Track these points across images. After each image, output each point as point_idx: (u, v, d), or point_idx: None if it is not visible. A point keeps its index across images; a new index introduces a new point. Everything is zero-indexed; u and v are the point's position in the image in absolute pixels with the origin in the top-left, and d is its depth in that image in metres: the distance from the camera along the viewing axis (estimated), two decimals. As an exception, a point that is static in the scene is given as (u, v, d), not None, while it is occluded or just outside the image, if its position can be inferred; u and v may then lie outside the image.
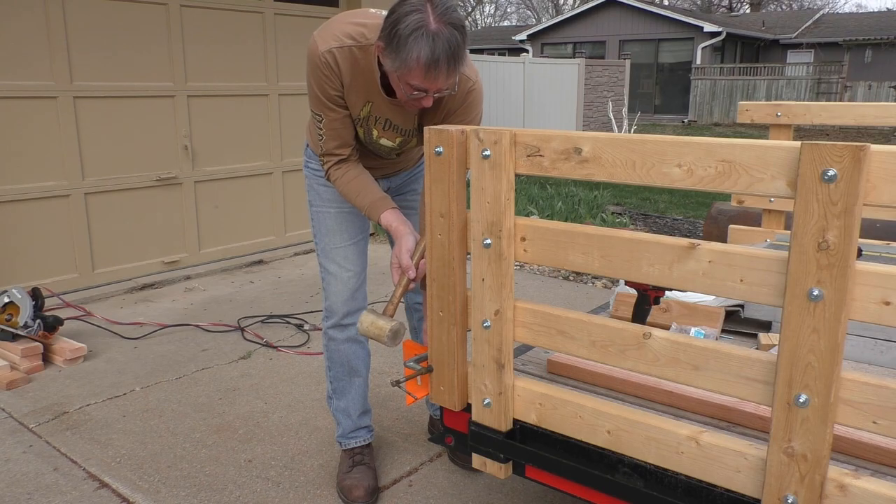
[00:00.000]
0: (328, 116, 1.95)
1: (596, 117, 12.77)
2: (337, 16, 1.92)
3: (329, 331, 2.29)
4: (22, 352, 3.20)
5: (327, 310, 2.28)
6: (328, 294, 2.26)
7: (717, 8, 37.50)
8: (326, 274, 2.26)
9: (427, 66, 1.63)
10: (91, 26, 4.22)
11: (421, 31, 1.60)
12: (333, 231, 2.22)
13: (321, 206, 2.23)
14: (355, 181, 2.02)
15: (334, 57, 1.85)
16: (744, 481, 1.30)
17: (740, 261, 1.22)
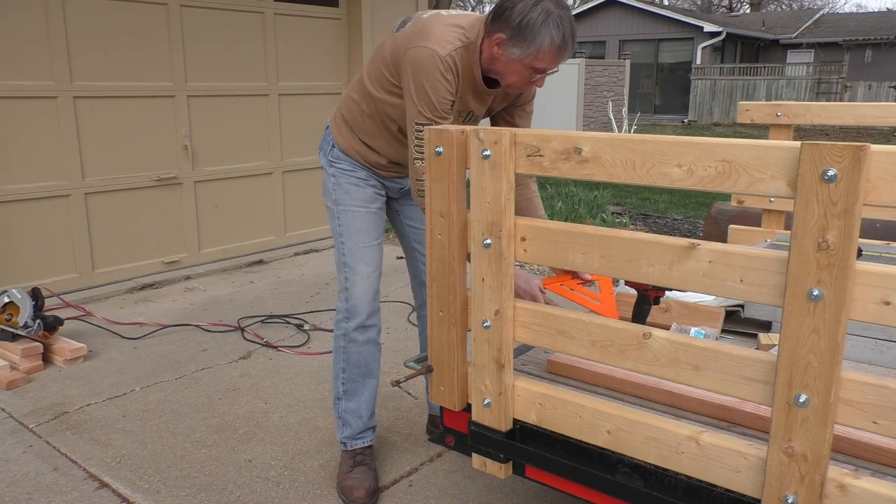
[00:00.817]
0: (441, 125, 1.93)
1: (596, 117, 12.77)
2: (430, 20, 1.96)
3: (352, 333, 2.26)
4: (22, 352, 3.20)
5: (349, 311, 2.24)
6: (352, 294, 2.23)
7: (717, 8, 37.50)
8: (352, 273, 2.23)
9: (560, 48, 1.85)
10: (91, 26, 4.22)
11: (552, 18, 1.82)
12: (363, 231, 2.23)
13: (351, 205, 2.22)
14: None
15: (454, 60, 1.91)
16: (744, 481, 1.30)
17: (740, 261, 1.22)
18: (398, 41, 2.00)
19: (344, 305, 2.26)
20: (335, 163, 2.25)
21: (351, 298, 2.23)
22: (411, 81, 1.91)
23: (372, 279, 2.24)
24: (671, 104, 23.53)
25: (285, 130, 5.39)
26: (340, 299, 2.27)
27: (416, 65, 1.89)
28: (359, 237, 2.22)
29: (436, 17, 1.98)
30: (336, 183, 2.25)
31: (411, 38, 1.94)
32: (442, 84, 1.89)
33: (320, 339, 3.69)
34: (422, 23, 1.98)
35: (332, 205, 2.26)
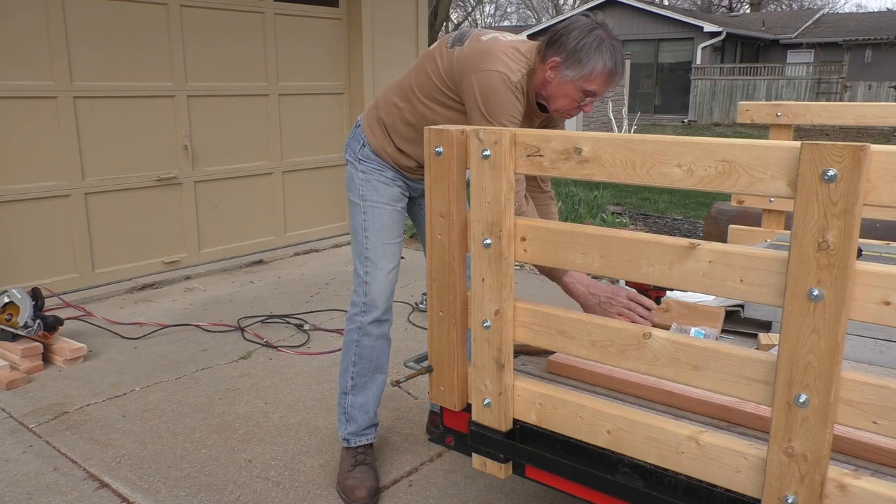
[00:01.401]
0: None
1: (596, 117, 12.76)
2: (492, 44, 2.03)
3: (367, 326, 2.28)
4: (22, 352, 3.20)
5: (367, 304, 2.27)
6: (371, 289, 2.26)
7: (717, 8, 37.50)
8: (374, 269, 2.26)
9: (611, 72, 1.95)
10: (91, 26, 4.23)
11: (605, 45, 1.93)
12: (388, 227, 2.27)
13: (378, 202, 2.27)
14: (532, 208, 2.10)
15: (522, 85, 2.01)
16: (744, 481, 1.30)
17: (740, 261, 1.22)
18: (459, 60, 2.04)
19: (361, 299, 2.28)
20: (364, 161, 2.30)
21: (370, 293, 2.26)
22: (481, 104, 1.97)
23: (392, 276, 2.29)
24: (671, 104, 23.53)
25: (285, 130, 5.39)
26: (357, 293, 2.29)
27: (489, 89, 1.96)
28: (383, 234, 2.27)
29: (496, 42, 2.04)
30: (365, 179, 2.28)
31: (478, 61, 2.00)
32: (515, 105, 1.98)
33: (320, 339, 3.69)
34: (484, 45, 2.03)
35: (359, 200, 2.29)
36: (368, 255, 2.26)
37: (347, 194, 2.36)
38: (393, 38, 5.94)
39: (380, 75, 5.83)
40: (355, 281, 2.31)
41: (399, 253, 2.32)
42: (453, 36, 2.15)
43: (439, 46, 2.16)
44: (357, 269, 2.30)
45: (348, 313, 2.33)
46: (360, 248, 2.29)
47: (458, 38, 2.13)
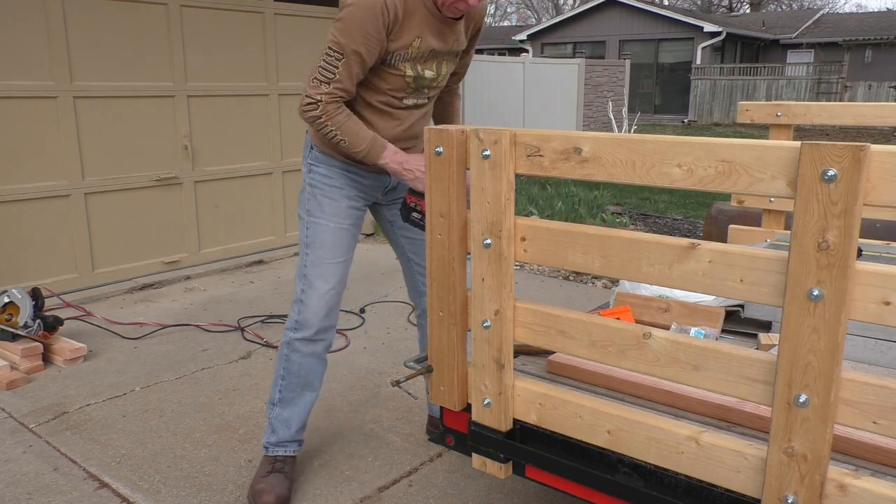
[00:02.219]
0: (353, 58, 1.94)
1: (596, 117, 12.77)
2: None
3: (296, 343, 2.23)
4: (22, 352, 3.20)
5: (299, 322, 2.21)
6: (305, 308, 2.19)
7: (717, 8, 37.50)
8: (309, 287, 2.19)
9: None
10: (91, 26, 4.22)
11: None
12: (329, 245, 2.18)
13: (322, 218, 2.18)
14: (354, 119, 2.03)
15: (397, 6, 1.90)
16: (744, 481, 1.30)
17: (740, 261, 1.22)
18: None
19: (294, 317, 2.22)
20: (314, 167, 2.21)
21: (303, 312, 2.19)
22: (343, 11, 1.90)
23: (328, 297, 2.19)
24: (671, 104, 23.54)
25: (285, 130, 5.39)
26: (293, 310, 2.23)
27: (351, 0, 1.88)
28: (323, 251, 2.18)
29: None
30: (311, 193, 2.20)
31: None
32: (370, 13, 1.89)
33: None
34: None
35: (304, 214, 2.21)
36: (306, 274, 2.19)
37: (297, 208, 2.29)
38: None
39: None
40: (294, 298, 2.24)
41: (341, 273, 2.22)
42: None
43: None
44: (295, 284, 2.24)
45: (284, 331, 2.27)
46: (300, 265, 2.22)
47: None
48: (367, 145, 2.03)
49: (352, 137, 2.02)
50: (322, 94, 1.96)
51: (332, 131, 2.01)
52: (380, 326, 3.86)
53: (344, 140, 2.01)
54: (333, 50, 1.93)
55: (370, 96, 2.09)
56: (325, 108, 1.98)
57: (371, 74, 2.03)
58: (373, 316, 4.03)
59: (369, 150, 2.03)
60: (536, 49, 25.46)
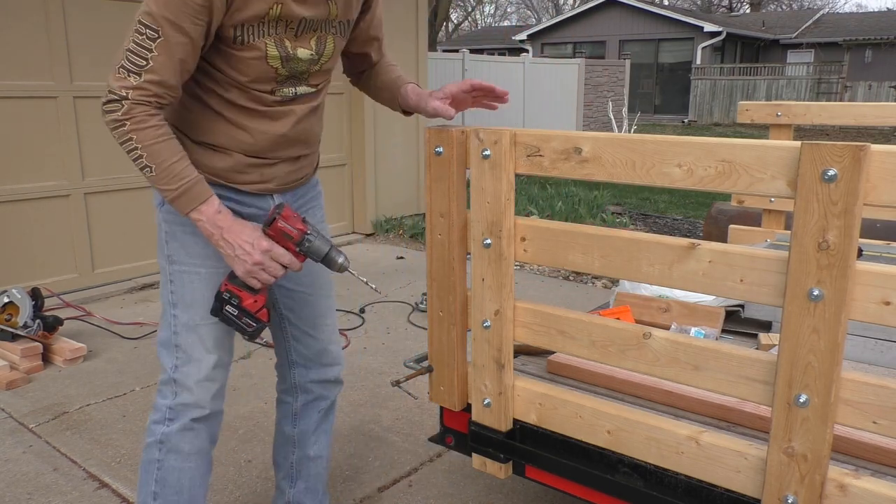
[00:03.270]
0: (175, 36, 1.36)
1: (596, 117, 12.77)
2: None
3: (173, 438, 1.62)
4: (22, 352, 3.20)
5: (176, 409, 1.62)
6: (182, 388, 1.62)
7: (717, 8, 37.51)
8: (185, 361, 1.61)
9: None
10: (91, 26, 4.22)
11: None
12: (203, 301, 1.59)
13: (188, 264, 1.59)
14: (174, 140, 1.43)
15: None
16: (744, 481, 1.30)
17: (740, 261, 1.22)
18: None
19: (167, 402, 1.62)
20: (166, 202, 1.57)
21: (180, 394, 1.61)
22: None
23: (213, 371, 1.64)
24: (671, 104, 23.54)
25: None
26: (163, 394, 1.64)
27: None
28: (196, 309, 1.59)
29: None
30: (169, 233, 1.59)
31: None
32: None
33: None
34: None
35: (165, 263, 1.61)
36: (178, 343, 1.61)
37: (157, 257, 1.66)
38: (393, 38, 5.93)
39: (380, 75, 5.81)
40: (161, 376, 1.64)
41: (228, 336, 1.67)
42: None
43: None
44: (161, 357, 1.64)
45: (148, 422, 1.66)
46: (167, 331, 1.62)
47: None
48: (180, 186, 1.42)
49: (161, 169, 1.41)
50: (128, 88, 1.36)
51: (135, 150, 1.39)
52: (380, 326, 3.86)
53: (150, 168, 1.40)
54: (145, 25, 1.35)
55: (228, 93, 1.50)
56: (129, 111, 1.37)
57: (220, 60, 1.46)
58: (373, 316, 4.03)
59: (181, 195, 1.43)
60: (536, 49, 25.46)
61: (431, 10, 15.06)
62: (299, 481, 1.93)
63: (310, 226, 1.53)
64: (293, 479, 1.93)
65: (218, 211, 1.46)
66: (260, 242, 1.47)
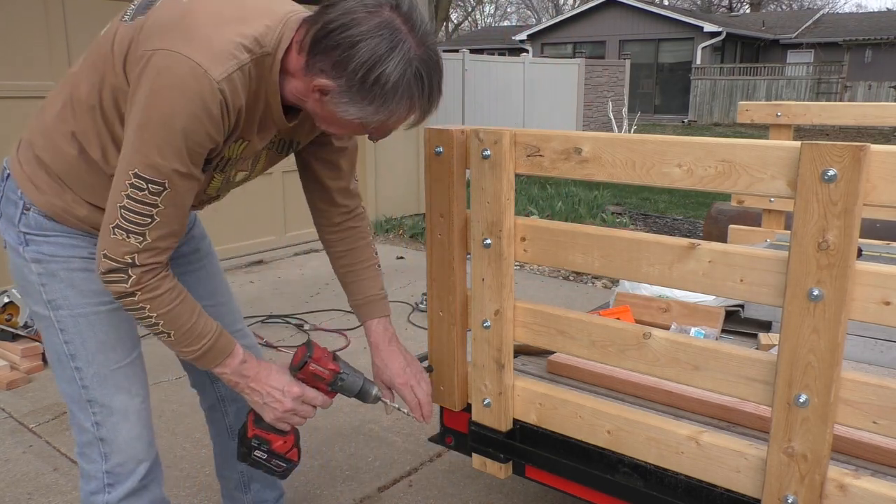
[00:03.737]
0: (181, 185, 1.21)
1: (596, 117, 12.77)
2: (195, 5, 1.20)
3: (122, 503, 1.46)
4: (22, 352, 3.20)
5: (113, 472, 1.45)
6: (111, 446, 1.44)
7: (717, 8, 37.52)
8: (106, 414, 1.43)
9: (423, 111, 1.23)
10: (91, 26, 4.22)
11: (411, 68, 1.15)
12: (110, 344, 1.43)
13: (81, 305, 1.39)
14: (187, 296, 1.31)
15: (234, 88, 1.17)
16: (744, 481, 1.30)
17: (740, 261, 1.22)
18: (138, 31, 1.22)
19: (100, 468, 1.45)
20: (35, 237, 1.36)
21: (112, 454, 1.44)
22: (148, 104, 1.14)
23: (142, 413, 1.48)
24: (671, 104, 23.54)
25: (285, 130, 5.39)
26: (89, 458, 1.46)
27: (165, 82, 1.13)
28: (105, 354, 1.42)
29: (207, 5, 1.21)
30: (44, 274, 1.37)
31: (164, 31, 1.17)
32: (203, 124, 1.16)
33: (320, 339, 3.69)
34: (180, 10, 1.19)
35: (46, 309, 1.39)
36: (92, 397, 1.42)
37: (26, 300, 1.44)
38: (393, 38, 5.93)
39: (380, 75, 5.82)
40: (80, 439, 1.46)
41: (143, 375, 1.53)
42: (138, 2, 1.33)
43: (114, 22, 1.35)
44: (76, 420, 1.45)
45: (83, 493, 1.49)
46: (74, 389, 1.42)
47: (143, 3, 1.29)
48: (203, 346, 1.32)
49: (180, 333, 1.29)
50: (132, 252, 1.20)
51: (149, 318, 1.27)
52: (380, 326, 3.86)
53: (168, 333, 1.29)
54: (146, 179, 1.17)
55: None
56: (139, 280, 1.22)
57: None
58: (373, 316, 4.03)
59: (205, 354, 1.33)
60: (536, 49, 25.46)
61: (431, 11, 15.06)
62: (253, 483, 1.90)
63: (341, 362, 1.49)
64: (246, 485, 1.89)
65: (243, 361, 1.38)
66: (291, 388, 1.40)
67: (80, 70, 1.32)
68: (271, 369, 1.41)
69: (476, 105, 9.43)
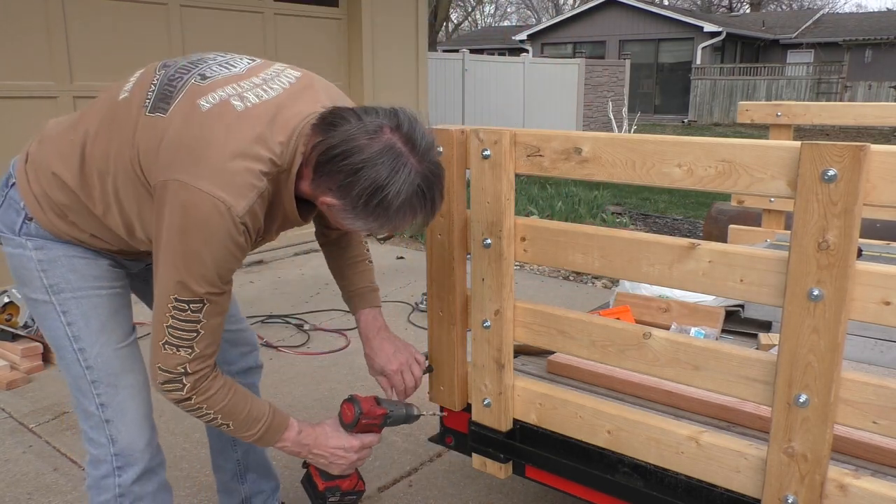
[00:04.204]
0: (217, 301, 1.32)
1: (596, 117, 12.77)
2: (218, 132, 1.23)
3: (133, 488, 1.49)
4: (22, 352, 3.20)
5: (120, 456, 1.47)
6: (121, 427, 1.47)
7: (717, 8, 37.51)
8: (113, 394, 1.46)
9: (424, 220, 1.28)
10: (91, 26, 4.22)
11: (413, 188, 1.20)
12: (111, 325, 1.47)
13: (83, 288, 1.44)
14: (238, 388, 1.41)
15: (255, 215, 1.25)
16: (744, 481, 1.30)
17: (740, 261, 1.22)
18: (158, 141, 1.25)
19: (108, 451, 1.47)
20: (33, 242, 1.42)
21: (121, 436, 1.46)
22: (179, 240, 1.22)
23: (146, 393, 1.51)
24: (671, 104, 23.54)
25: (285, 130, 5.39)
26: (95, 442, 1.48)
27: (192, 220, 1.20)
28: (107, 335, 1.46)
29: (222, 127, 1.23)
30: (44, 261, 1.41)
31: (185, 157, 1.22)
32: (231, 252, 1.27)
33: (320, 339, 3.69)
34: (198, 131, 1.23)
35: (47, 295, 1.42)
36: (97, 378, 1.45)
37: (23, 291, 1.46)
38: (393, 38, 5.94)
39: (380, 75, 5.82)
40: (85, 425, 1.49)
41: (141, 357, 1.53)
42: (159, 81, 1.36)
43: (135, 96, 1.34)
44: (80, 406, 1.48)
45: (91, 479, 1.50)
46: (75, 371, 1.45)
47: (163, 88, 1.33)
48: (261, 427, 1.40)
49: (238, 421, 1.38)
50: (183, 363, 1.31)
51: (207, 415, 1.36)
52: (380, 326, 3.86)
53: (227, 424, 1.38)
54: (186, 301, 1.28)
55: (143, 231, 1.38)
56: (194, 387, 1.33)
57: None
58: (373, 316, 4.03)
59: (264, 434, 1.41)
60: (536, 49, 25.46)
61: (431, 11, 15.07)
62: (248, 474, 1.93)
63: (384, 402, 1.57)
64: (242, 475, 1.92)
65: (299, 431, 1.46)
66: (351, 443, 1.49)
67: (96, 128, 1.35)
68: (327, 432, 1.49)
69: (476, 105, 9.43)
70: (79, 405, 1.49)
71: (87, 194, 1.36)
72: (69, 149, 1.37)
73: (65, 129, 1.41)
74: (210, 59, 1.37)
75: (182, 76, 1.32)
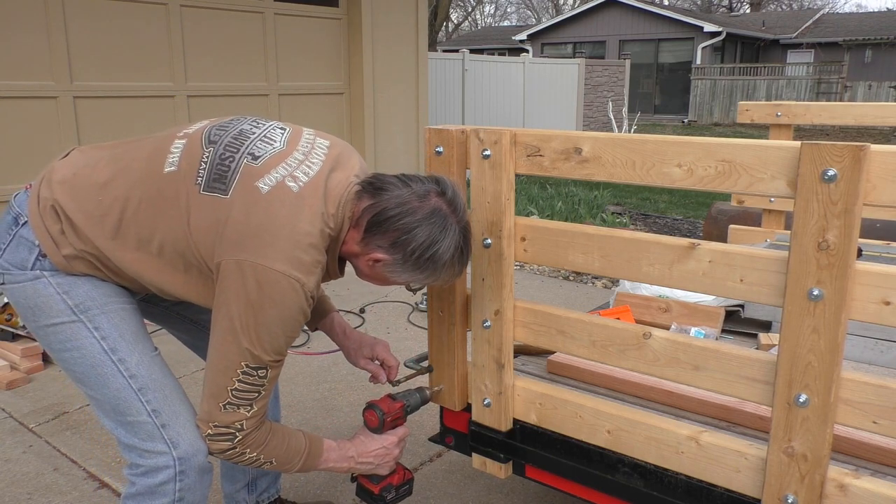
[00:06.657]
0: (280, 366, 1.42)
1: (596, 117, 12.77)
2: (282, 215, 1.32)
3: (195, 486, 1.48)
4: (22, 352, 3.20)
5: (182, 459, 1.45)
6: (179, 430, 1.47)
7: (717, 8, 37.52)
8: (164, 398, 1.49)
9: (460, 271, 1.45)
10: (91, 26, 4.23)
11: (456, 245, 1.37)
12: (141, 334, 1.50)
13: (110, 302, 1.46)
14: (276, 425, 1.50)
15: (318, 286, 1.41)
16: (744, 481, 1.30)
17: (740, 261, 1.22)
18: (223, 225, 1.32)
19: (170, 457, 1.44)
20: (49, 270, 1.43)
21: (181, 439, 1.46)
22: (251, 312, 1.31)
23: (183, 394, 1.57)
24: (671, 104, 23.54)
25: (285, 130, 5.39)
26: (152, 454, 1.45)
27: (268, 297, 1.31)
28: (142, 343, 1.49)
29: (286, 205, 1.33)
30: (64, 284, 1.42)
31: (252, 243, 1.31)
32: (300, 322, 1.38)
33: (320, 339, 3.68)
34: (263, 212, 1.32)
35: (74, 315, 1.42)
36: (143, 385, 1.46)
37: (38, 322, 1.44)
38: (393, 38, 5.94)
39: (380, 75, 5.83)
40: (134, 439, 1.46)
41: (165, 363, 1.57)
42: (210, 159, 1.38)
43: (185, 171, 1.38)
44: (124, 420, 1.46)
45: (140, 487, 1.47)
46: (117, 385, 1.44)
47: (216, 168, 1.37)
48: (302, 456, 1.50)
49: (281, 457, 1.47)
50: (241, 420, 1.39)
51: (251, 457, 1.44)
52: (380, 326, 3.85)
53: (270, 462, 1.47)
54: (254, 368, 1.36)
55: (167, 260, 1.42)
56: (245, 439, 1.41)
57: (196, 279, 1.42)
58: (373, 316, 4.03)
59: (305, 461, 1.51)
60: (536, 49, 25.46)
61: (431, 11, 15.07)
62: (259, 481, 1.98)
63: (400, 395, 1.69)
64: (254, 484, 1.98)
65: (338, 447, 1.57)
66: (388, 440, 1.63)
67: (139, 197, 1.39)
68: (363, 440, 1.62)
69: (476, 105, 9.44)
70: (121, 422, 1.47)
71: (119, 257, 1.41)
72: (96, 209, 1.40)
73: (90, 186, 1.42)
74: (249, 132, 1.44)
75: (232, 155, 1.38)
